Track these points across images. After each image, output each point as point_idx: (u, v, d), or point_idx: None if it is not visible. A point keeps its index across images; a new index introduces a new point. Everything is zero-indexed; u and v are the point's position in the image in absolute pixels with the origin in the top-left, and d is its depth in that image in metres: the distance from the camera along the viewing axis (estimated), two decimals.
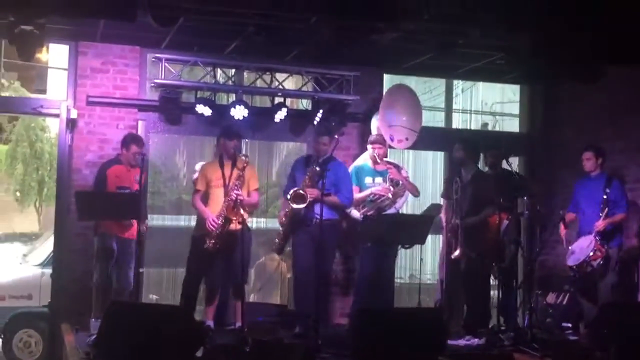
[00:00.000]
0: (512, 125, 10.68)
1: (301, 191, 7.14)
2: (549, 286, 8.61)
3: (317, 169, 7.18)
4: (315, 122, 8.57)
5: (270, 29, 6.70)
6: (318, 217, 6.83)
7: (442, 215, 7.83)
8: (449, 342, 6.65)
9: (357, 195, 7.83)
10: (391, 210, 7.82)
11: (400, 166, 8.25)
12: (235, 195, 6.93)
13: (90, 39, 8.22)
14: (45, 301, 8.44)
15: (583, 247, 7.70)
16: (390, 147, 8.36)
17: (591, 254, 7.56)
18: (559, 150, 9.55)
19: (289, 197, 7.20)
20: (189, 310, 6.64)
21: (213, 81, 8.59)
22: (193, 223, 7.70)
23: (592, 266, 7.61)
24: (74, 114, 8.18)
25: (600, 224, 7.61)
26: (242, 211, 6.84)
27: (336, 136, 7.21)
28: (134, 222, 7.19)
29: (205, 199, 7.23)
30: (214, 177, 7.17)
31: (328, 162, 7.28)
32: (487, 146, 8.23)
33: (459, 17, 6.79)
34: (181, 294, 7.45)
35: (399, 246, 7.78)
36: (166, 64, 8.20)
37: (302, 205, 7.12)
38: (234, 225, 6.77)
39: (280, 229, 7.52)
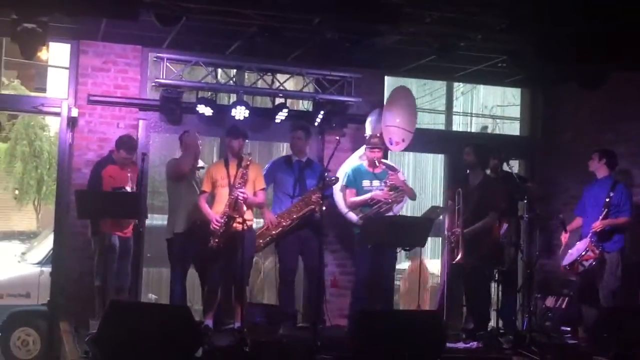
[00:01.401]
0: (512, 129, 10.68)
1: (319, 199, 7.29)
2: (548, 290, 8.62)
3: (333, 178, 7.48)
4: (316, 123, 8.57)
5: (273, 30, 6.69)
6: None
7: (446, 222, 7.81)
8: (448, 345, 6.65)
9: (356, 199, 7.83)
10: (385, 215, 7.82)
11: (397, 169, 8.24)
12: (237, 194, 6.92)
13: (91, 38, 8.22)
14: (43, 300, 8.42)
15: (579, 249, 7.71)
16: (387, 149, 8.36)
17: (583, 253, 7.57)
18: (560, 153, 9.56)
19: (315, 207, 7.39)
20: (188, 310, 6.61)
21: (214, 81, 8.60)
22: None
23: (583, 266, 7.59)
24: (74, 113, 8.18)
25: (597, 224, 7.59)
26: (244, 209, 6.85)
27: (337, 137, 7.20)
28: (132, 220, 7.19)
29: (211, 199, 7.22)
30: (220, 176, 7.16)
31: (310, 164, 7.65)
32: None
33: (460, 20, 6.79)
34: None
35: (399, 249, 7.78)
36: (167, 64, 8.19)
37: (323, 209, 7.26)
38: (238, 225, 6.75)
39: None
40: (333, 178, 7.54)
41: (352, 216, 7.90)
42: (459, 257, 7.30)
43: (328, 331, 7.44)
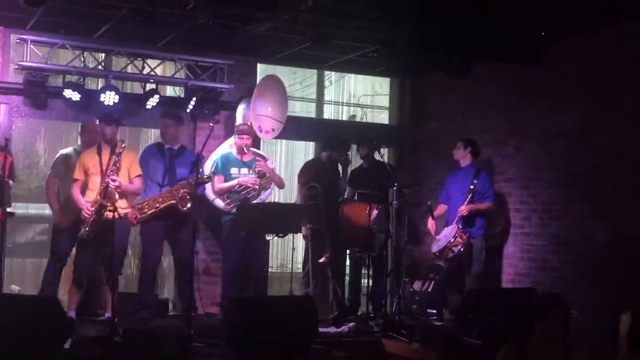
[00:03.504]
0: (381, 118, 10.91)
1: (187, 194, 7.22)
2: (416, 274, 8.86)
3: (205, 177, 7.41)
4: (188, 110, 8.47)
5: (145, 14, 6.53)
6: None
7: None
8: (320, 329, 6.74)
9: (223, 185, 7.79)
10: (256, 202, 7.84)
11: (266, 157, 8.28)
12: (109, 182, 6.75)
13: None
14: None
15: (446, 235, 8.00)
16: (256, 137, 8.38)
17: (452, 240, 7.87)
18: (427, 142, 9.86)
19: (179, 203, 7.28)
20: (55, 300, 6.39)
21: (82, 65, 8.31)
22: None
23: (453, 252, 7.91)
24: None
25: (463, 209, 7.90)
26: (117, 197, 6.69)
27: (211, 124, 7.15)
28: None
29: (84, 187, 7.01)
30: (92, 164, 6.95)
31: (183, 151, 7.57)
32: (360, 138, 8.48)
33: (335, 9, 6.87)
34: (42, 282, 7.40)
35: (272, 235, 7.80)
36: (32, 46, 7.85)
37: (188, 206, 7.17)
38: (110, 214, 6.58)
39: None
40: (206, 176, 7.41)
41: (219, 203, 7.86)
42: (324, 259, 7.71)
43: (201, 319, 7.41)
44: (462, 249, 7.88)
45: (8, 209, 7.26)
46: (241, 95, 8.83)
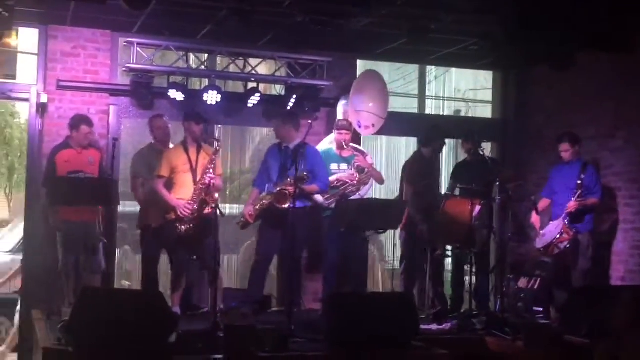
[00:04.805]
0: (485, 112, 10.72)
1: (285, 191, 7.11)
2: (521, 271, 8.68)
3: (305, 174, 7.21)
4: (288, 108, 8.54)
5: (243, 13, 6.64)
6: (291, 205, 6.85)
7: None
8: (422, 326, 6.69)
9: None
10: (355, 198, 7.82)
11: (365, 152, 8.24)
12: (209, 179, 6.88)
13: (60, 23, 8.12)
14: (15, 288, 8.35)
15: (552, 230, 7.80)
16: (357, 133, 8.36)
17: (558, 236, 7.67)
18: (531, 136, 9.62)
19: (274, 201, 7.21)
20: (161, 295, 6.58)
21: (185, 66, 8.53)
22: None
23: (559, 248, 7.71)
24: (44, 99, 8.10)
25: (572, 205, 7.67)
26: (216, 195, 6.82)
27: (309, 121, 7.16)
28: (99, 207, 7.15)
29: (170, 185, 7.16)
30: (180, 162, 7.10)
31: (300, 148, 7.28)
32: (463, 133, 8.36)
33: (431, 2, 6.79)
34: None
35: (372, 231, 7.79)
36: (138, 49, 8.11)
37: (286, 205, 7.07)
38: (208, 209, 6.72)
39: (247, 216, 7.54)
40: (305, 174, 7.26)
41: (319, 198, 7.88)
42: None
43: (302, 315, 7.45)
44: (568, 245, 7.67)
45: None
46: (340, 92, 8.83)
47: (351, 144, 8.01)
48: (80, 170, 7.35)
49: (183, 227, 6.92)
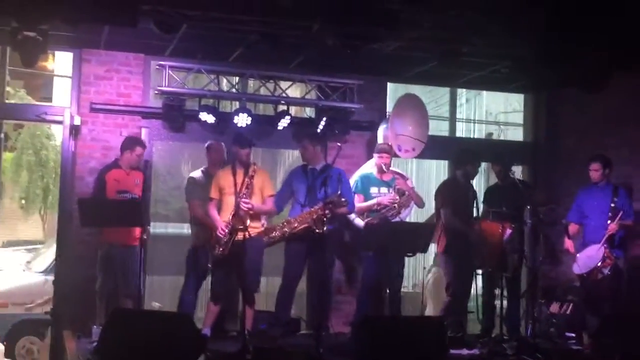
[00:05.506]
0: (517, 135, 10.66)
1: (323, 216, 7.04)
2: (552, 296, 8.57)
3: (343, 200, 7.26)
4: (318, 130, 8.56)
5: (273, 37, 6.69)
6: None
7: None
8: (452, 351, 6.63)
9: (362, 204, 7.82)
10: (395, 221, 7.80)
11: (406, 176, 8.23)
12: (241, 205, 6.91)
13: (94, 46, 8.25)
14: (48, 308, 8.42)
15: (592, 255, 7.64)
16: (395, 155, 8.36)
17: (600, 262, 7.53)
18: (563, 159, 9.54)
19: (313, 225, 7.21)
20: (189, 317, 6.61)
21: (217, 89, 8.60)
22: None
23: (602, 273, 7.57)
24: (77, 121, 8.21)
25: (613, 227, 7.54)
26: (248, 222, 6.80)
27: (339, 144, 7.16)
28: (137, 228, 7.20)
29: (219, 206, 7.18)
30: (227, 184, 7.12)
31: (326, 170, 7.29)
32: (492, 156, 8.30)
33: (461, 25, 6.78)
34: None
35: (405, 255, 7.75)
36: (170, 72, 8.21)
37: (324, 229, 7.00)
38: (241, 235, 6.72)
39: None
40: (343, 200, 7.29)
41: (359, 222, 7.88)
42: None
43: (331, 338, 7.41)
44: (609, 272, 7.54)
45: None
46: (372, 115, 8.83)
47: (391, 168, 8.00)
48: (128, 190, 7.45)
49: (219, 249, 6.94)
